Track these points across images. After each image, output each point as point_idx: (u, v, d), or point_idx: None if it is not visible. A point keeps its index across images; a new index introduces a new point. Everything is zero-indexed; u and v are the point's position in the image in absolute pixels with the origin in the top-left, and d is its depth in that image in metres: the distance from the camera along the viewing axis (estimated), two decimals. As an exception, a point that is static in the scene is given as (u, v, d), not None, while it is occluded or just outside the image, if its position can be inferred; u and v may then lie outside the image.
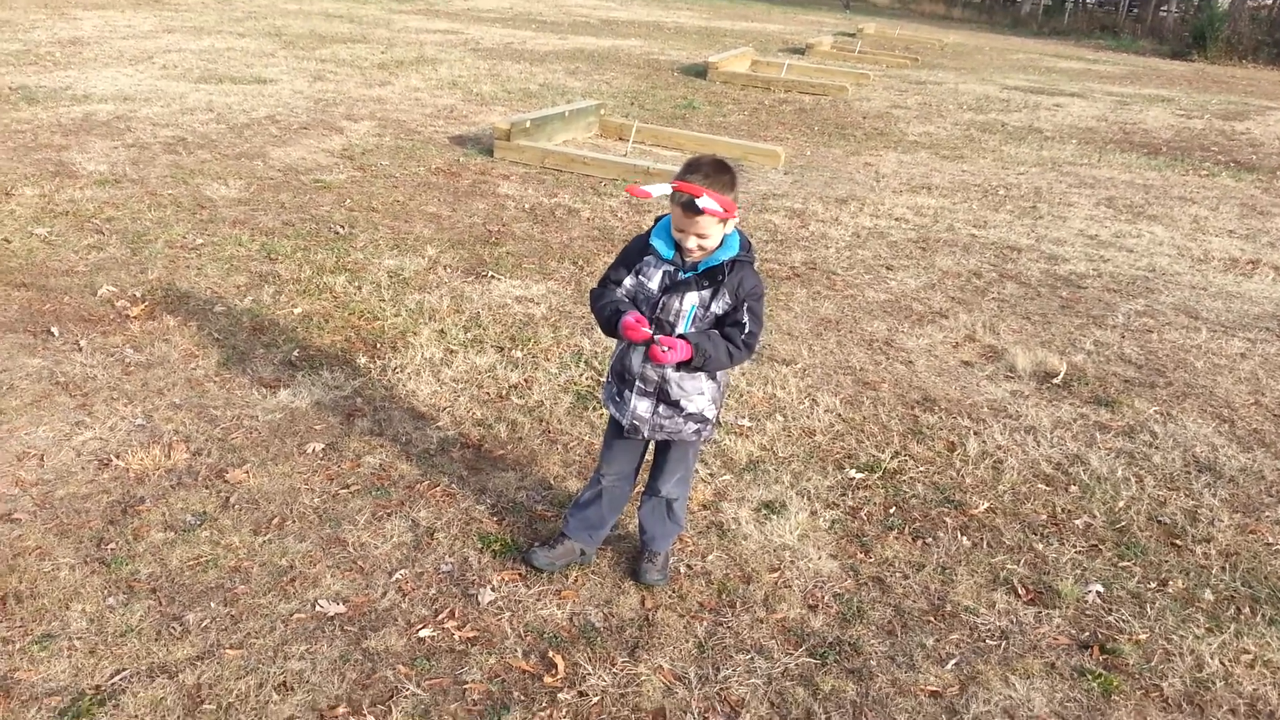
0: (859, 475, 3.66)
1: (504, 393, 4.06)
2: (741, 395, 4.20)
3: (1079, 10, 41.91)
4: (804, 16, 27.71)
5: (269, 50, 11.96)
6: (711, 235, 2.53)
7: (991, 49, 22.73)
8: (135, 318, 4.40)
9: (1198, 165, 10.22)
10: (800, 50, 18.01)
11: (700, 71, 13.59)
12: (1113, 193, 8.62)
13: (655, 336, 2.54)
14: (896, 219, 7.19)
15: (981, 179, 8.77)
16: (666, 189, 2.49)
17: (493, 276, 5.30)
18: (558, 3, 22.71)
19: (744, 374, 4.38)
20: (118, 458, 3.35)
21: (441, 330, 4.57)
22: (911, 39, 22.76)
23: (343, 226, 5.87)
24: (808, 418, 4.06)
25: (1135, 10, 41.14)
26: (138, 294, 4.65)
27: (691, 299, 2.60)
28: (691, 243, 2.54)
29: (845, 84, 13.31)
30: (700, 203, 2.41)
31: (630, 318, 2.56)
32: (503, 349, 4.45)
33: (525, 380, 4.18)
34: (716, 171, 2.50)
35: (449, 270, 5.34)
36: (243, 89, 9.56)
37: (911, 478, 3.68)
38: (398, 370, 4.16)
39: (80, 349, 4.08)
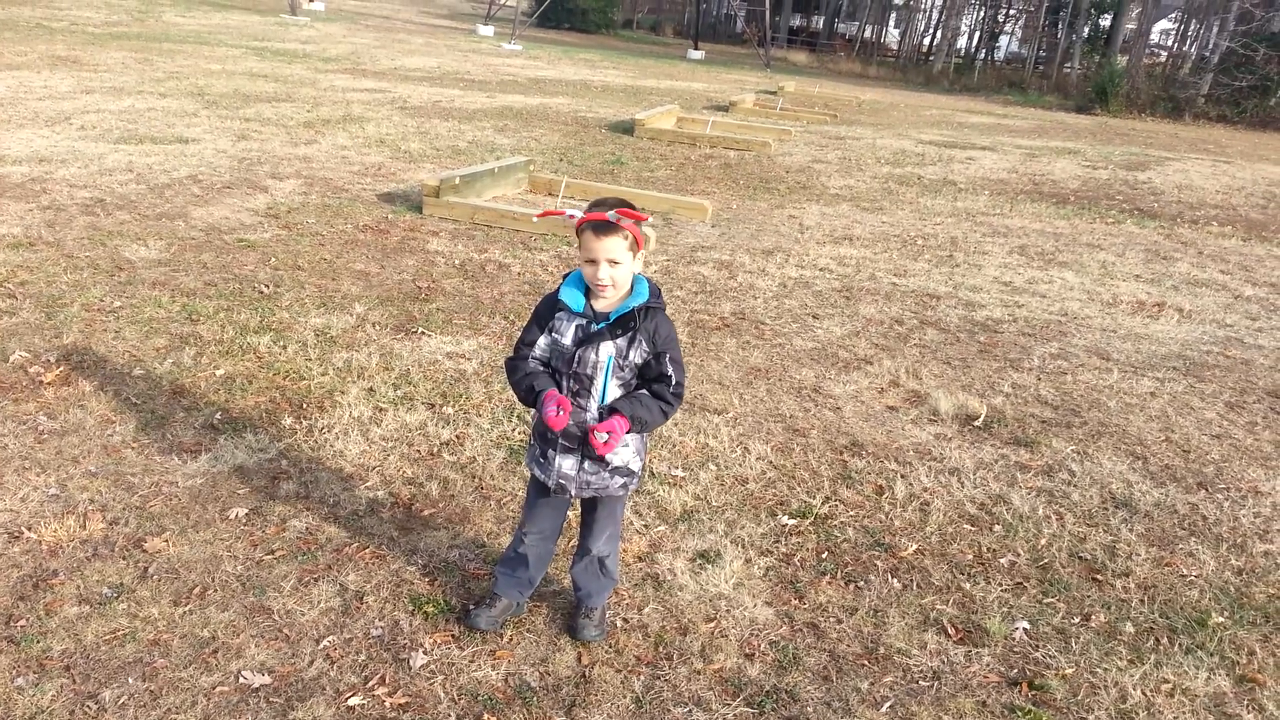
0: (791, 521, 3.70)
1: (435, 450, 4.02)
2: (674, 445, 4.23)
3: (988, 68, 43.89)
4: (727, 75, 28.47)
5: (191, 110, 11.82)
6: (623, 262, 2.53)
7: (906, 105, 23.61)
8: (49, 384, 4.26)
9: (1104, 213, 10.71)
10: (724, 107, 18.47)
11: (628, 128, 13.83)
12: (1025, 241, 8.97)
13: (592, 429, 2.55)
14: (821, 269, 7.37)
15: (900, 230, 9.05)
16: (577, 212, 2.56)
17: (423, 333, 5.27)
18: (485, 62, 22.95)
19: (676, 425, 4.41)
20: (29, 529, 3.21)
21: (370, 388, 4.51)
22: (830, 96, 23.54)
23: (267, 286, 5.79)
24: (740, 466, 4.10)
25: (1041, 67, 43.29)
26: (52, 359, 4.50)
27: (608, 349, 2.59)
28: (604, 272, 2.52)
29: (768, 139, 13.68)
30: (611, 216, 2.47)
31: (551, 407, 2.52)
32: (434, 406, 4.41)
33: (457, 437, 4.14)
34: (621, 205, 2.55)
35: (378, 328, 5.30)
36: (164, 149, 9.42)
37: (842, 522, 3.74)
38: (325, 430, 4.09)
39: (-11, 417, 3.93)
